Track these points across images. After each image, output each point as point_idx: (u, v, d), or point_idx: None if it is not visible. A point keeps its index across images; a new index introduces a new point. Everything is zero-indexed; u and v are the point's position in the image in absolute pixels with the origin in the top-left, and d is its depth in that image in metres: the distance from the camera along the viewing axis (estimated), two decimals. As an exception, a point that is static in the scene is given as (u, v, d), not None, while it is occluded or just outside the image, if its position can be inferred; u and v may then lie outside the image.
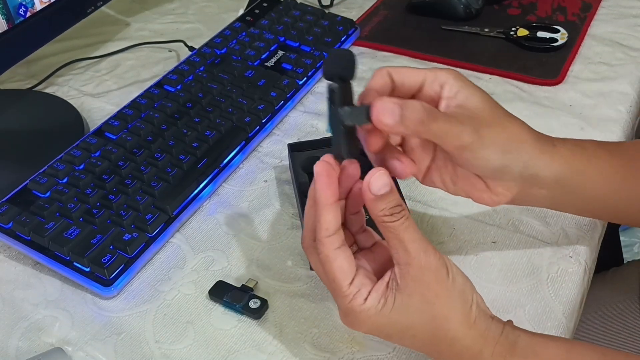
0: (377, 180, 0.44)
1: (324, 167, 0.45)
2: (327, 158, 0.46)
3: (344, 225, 0.49)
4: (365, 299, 0.45)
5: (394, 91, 0.48)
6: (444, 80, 0.48)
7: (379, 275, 0.47)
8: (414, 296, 0.45)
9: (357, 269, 0.46)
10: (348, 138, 0.46)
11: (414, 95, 0.49)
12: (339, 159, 0.46)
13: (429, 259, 0.45)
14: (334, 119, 0.45)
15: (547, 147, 0.51)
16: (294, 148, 0.69)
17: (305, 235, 0.49)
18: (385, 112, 0.43)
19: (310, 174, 0.59)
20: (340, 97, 0.45)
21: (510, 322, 0.49)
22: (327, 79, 0.47)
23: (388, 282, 0.46)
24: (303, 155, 0.68)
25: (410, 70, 0.49)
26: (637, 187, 0.54)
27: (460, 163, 0.49)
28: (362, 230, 0.50)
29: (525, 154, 0.49)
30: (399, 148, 0.52)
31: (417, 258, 0.44)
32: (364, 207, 0.47)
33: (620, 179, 0.54)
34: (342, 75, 0.46)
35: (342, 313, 0.48)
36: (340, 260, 0.46)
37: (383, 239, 0.48)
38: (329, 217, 0.45)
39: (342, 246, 0.46)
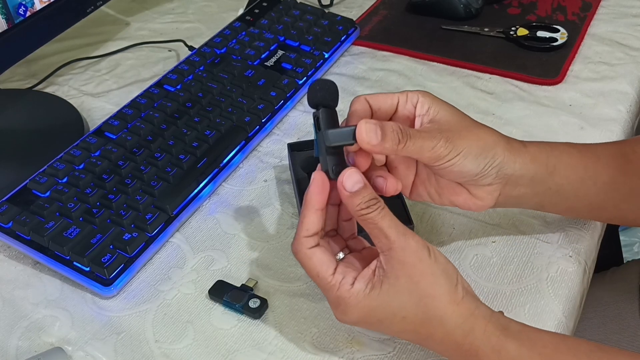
0: (349, 178, 0.48)
1: (321, 176, 0.50)
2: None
3: (337, 230, 0.54)
4: (352, 284, 0.48)
5: (372, 115, 0.53)
6: (415, 100, 0.53)
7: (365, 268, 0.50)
8: (400, 278, 0.47)
9: (337, 262, 0.50)
10: (335, 160, 0.50)
11: (391, 117, 0.54)
12: (328, 177, 0.50)
13: (409, 241, 0.47)
14: (321, 143, 0.50)
15: (518, 148, 0.54)
16: (293, 148, 0.69)
17: (297, 239, 0.51)
18: (370, 132, 0.48)
19: (310, 174, 0.60)
20: (326, 122, 0.50)
21: (501, 312, 0.50)
22: (312, 107, 0.51)
23: (374, 270, 0.49)
24: (303, 155, 0.68)
25: (384, 95, 0.53)
26: (612, 184, 0.57)
27: (440, 174, 0.53)
28: (352, 237, 0.54)
29: (498, 157, 0.53)
30: (385, 167, 0.55)
31: (397, 241, 0.47)
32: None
33: (591, 174, 0.57)
34: (326, 103, 0.51)
35: (333, 306, 0.50)
36: (319, 254, 0.49)
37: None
38: (313, 219, 0.49)
39: (317, 245, 0.50)
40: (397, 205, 0.62)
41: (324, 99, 0.51)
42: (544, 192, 0.56)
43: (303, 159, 0.67)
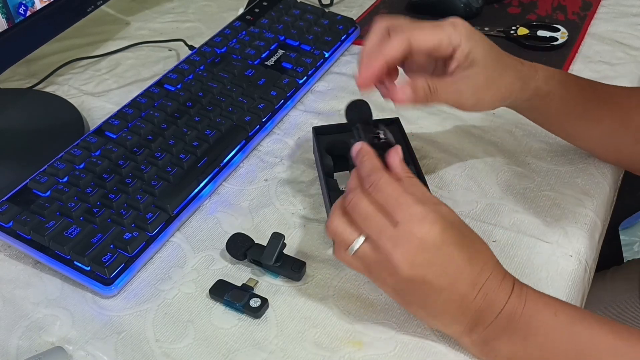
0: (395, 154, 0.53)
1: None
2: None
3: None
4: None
5: (409, 55, 0.56)
6: (457, 44, 0.56)
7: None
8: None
9: None
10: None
11: (429, 53, 0.57)
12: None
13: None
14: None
15: (528, 81, 0.61)
16: (318, 131, 0.70)
17: (339, 200, 0.52)
18: (399, 94, 0.55)
19: (335, 157, 0.67)
20: (362, 134, 0.56)
21: None
22: (350, 124, 0.58)
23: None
24: (327, 139, 0.69)
25: (427, 36, 0.55)
26: (597, 123, 0.65)
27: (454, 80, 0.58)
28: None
29: (512, 98, 0.61)
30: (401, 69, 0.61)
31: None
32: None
33: (580, 110, 0.64)
34: (362, 121, 0.57)
35: (407, 216, 0.49)
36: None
37: None
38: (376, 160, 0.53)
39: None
40: None
41: (362, 117, 0.58)
42: (535, 114, 0.66)
43: (327, 143, 0.68)
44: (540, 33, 0.88)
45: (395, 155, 0.52)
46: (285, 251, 0.60)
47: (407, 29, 0.55)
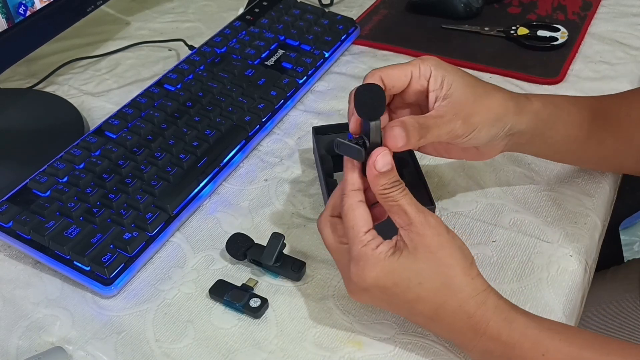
0: (382, 158, 0.50)
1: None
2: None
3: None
4: (377, 246, 0.50)
5: (385, 91, 0.53)
6: (427, 74, 0.55)
7: None
8: (419, 248, 0.49)
9: (372, 226, 0.51)
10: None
11: (404, 91, 0.55)
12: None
13: (428, 218, 0.50)
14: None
15: (524, 106, 0.58)
16: (318, 131, 0.70)
17: (323, 212, 0.54)
18: (397, 138, 0.51)
19: (334, 157, 0.65)
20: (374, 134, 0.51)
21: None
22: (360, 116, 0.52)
23: (395, 243, 0.51)
24: (327, 139, 0.69)
25: (397, 71, 0.54)
26: (600, 145, 0.63)
27: (457, 145, 0.57)
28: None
29: (508, 123, 0.57)
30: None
31: (417, 217, 0.49)
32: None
33: (585, 133, 0.61)
34: (370, 117, 0.51)
35: (354, 262, 0.50)
36: (362, 210, 0.51)
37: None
38: (355, 177, 0.52)
39: (363, 202, 0.52)
40: (420, 187, 0.63)
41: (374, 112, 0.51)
42: (540, 144, 0.61)
43: (327, 143, 0.68)
44: (541, 33, 0.88)
45: (382, 160, 0.50)
46: (285, 251, 0.60)
47: (379, 69, 0.54)
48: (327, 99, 0.81)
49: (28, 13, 0.71)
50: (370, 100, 0.50)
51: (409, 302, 0.50)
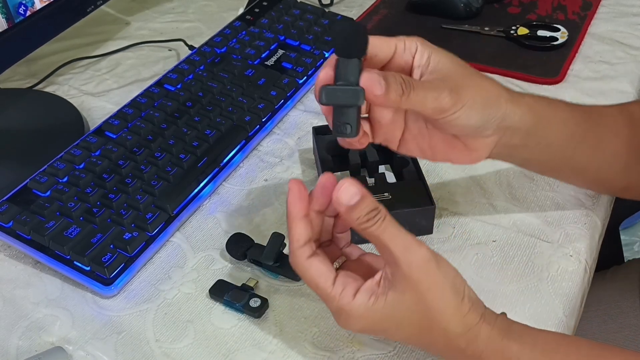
0: (345, 192, 0.45)
1: (296, 184, 0.48)
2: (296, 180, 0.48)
3: (332, 241, 0.52)
4: (354, 295, 0.46)
5: (366, 62, 0.49)
6: (413, 49, 0.50)
7: (364, 276, 0.48)
8: (406, 292, 0.46)
9: (337, 271, 0.48)
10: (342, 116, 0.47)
11: (385, 65, 0.50)
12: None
13: (415, 255, 0.45)
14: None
15: (518, 99, 0.53)
16: (318, 131, 0.70)
17: (292, 252, 0.49)
18: (374, 82, 0.45)
19: (334, 157, 0.65)
20: (342, 72, 0.45)
21: (503, 314, 0.50)
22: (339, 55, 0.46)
23: (379, 281, 0.47)
24: (327, 139, 0.69)
25: (381, 41, 0.50)
26: (598, 145, 0.58)
27: (442, 126, 0.50)
28: (347, 245, 0.52)
29: (501, 108, 0.51)
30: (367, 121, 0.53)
31: (402, 256, 0.45)
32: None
33: (581, 132, 0.57)
34: (351, 54, 0.45)
35: (334, 315, 0.49)
36: (316, 265, 0.47)
37: None
38: (300, 230, 0.47)
39: (313, 254, 0.48)
40: (420, 187, 0.63)
41: (353, 48, 0.46)
42: (534, 146, 0.55)
43: (327, 143, 0.68)
44: (541, 33, 0.88)
45: (346, 194, 0.45)
46: (285, 251, 0.60)
47: None
48: (327, 99, 0.81)
49: (28, 13, 0.71)
50: (351, 35, 0.44)
51: (401, 339, 0.51)
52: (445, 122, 0.49)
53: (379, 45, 0.49)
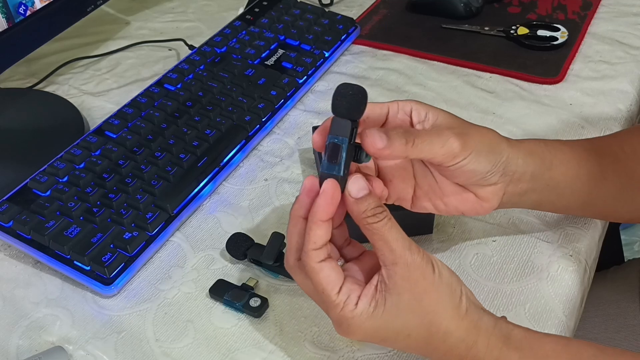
0: (354, 183, 0.46)
1: (333, 186, 0.47)
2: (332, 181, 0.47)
3: (330, 240, 0.50)
4: (356, 304, 0.46)
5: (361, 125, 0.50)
6: (408, 109, 0.51)
7: (367, 280, 0.48)
8: (403, 295, 0.46)
9: (344, 277, 0.47)
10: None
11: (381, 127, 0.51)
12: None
13: (414, 257, 0.46)
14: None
15: (517, 144, 0.54)
16: None
17: (288, 256, 0.49)
18: (373, 137, 0.46)
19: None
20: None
21: (504, 317, 0.49)
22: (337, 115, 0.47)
23: (376, 285, 0.47)
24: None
25: (373, 104, 0.50)
26: (602, 180, 0.58)
27: (452, 173, 0.51)
28: (347, 244, 0.51)
29: (504, 153, 0.52)
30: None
31: (402, 256, 0.45)
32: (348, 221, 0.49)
33: (584, 170, 0.57)
34: (352, 117, 0.46)
35: (335, 324, 0.48)
36: (327, 270, 0.47)
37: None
38: (321, 232, 0.46)
39: (327, 258, 0.47)
40: None
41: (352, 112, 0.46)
42: (542, 189, 0.55)
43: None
44: (541, 32, 0.88)
45: (355, 186, 0.46)
46: (285, 251, 0.60)
47: None
48: (327, 98, 0.81)
49: (28, 13, 0.71)
50: (351, 96, 0.45)
51: (401, 348, 0.50)
52: (456, 168, 0.50)
53: (370, 108, 0.50)
